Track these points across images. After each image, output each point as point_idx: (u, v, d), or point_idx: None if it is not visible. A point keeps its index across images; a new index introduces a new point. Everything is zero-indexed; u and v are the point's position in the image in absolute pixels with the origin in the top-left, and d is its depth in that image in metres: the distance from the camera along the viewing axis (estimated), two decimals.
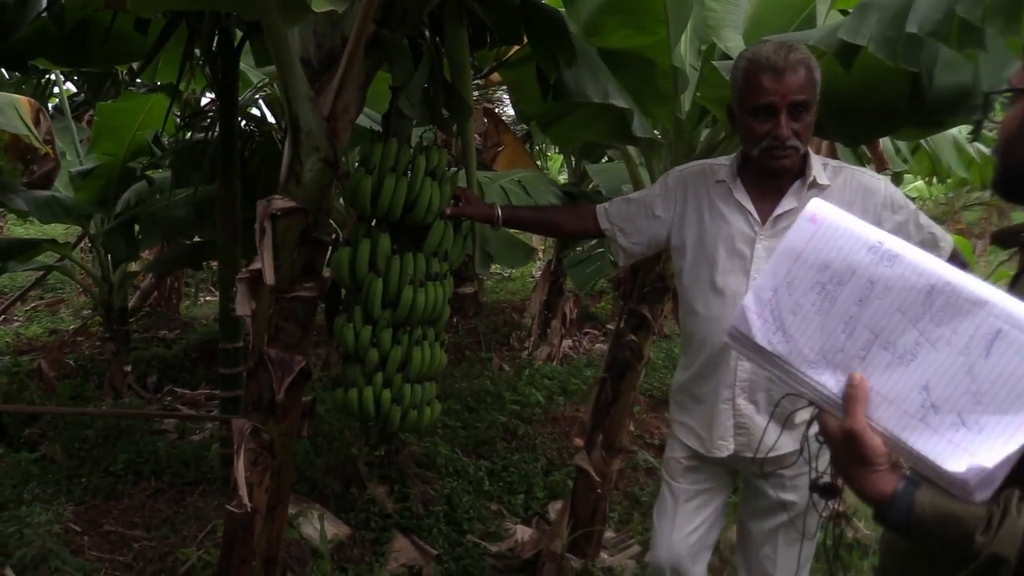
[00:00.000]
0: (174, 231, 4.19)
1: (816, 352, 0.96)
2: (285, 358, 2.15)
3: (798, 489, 2.14)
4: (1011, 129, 1.17)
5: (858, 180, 2.06)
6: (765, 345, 0.99)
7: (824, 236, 0.99)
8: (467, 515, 3.72)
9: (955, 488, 0.89)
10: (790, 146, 1.95)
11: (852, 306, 0.94)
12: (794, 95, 1.91)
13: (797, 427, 2.05)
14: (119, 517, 3.44)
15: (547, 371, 5.81)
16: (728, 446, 2.13)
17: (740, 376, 2.07)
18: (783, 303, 0.98)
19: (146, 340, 6.19)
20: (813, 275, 0.97)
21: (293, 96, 1.99)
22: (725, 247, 2.07)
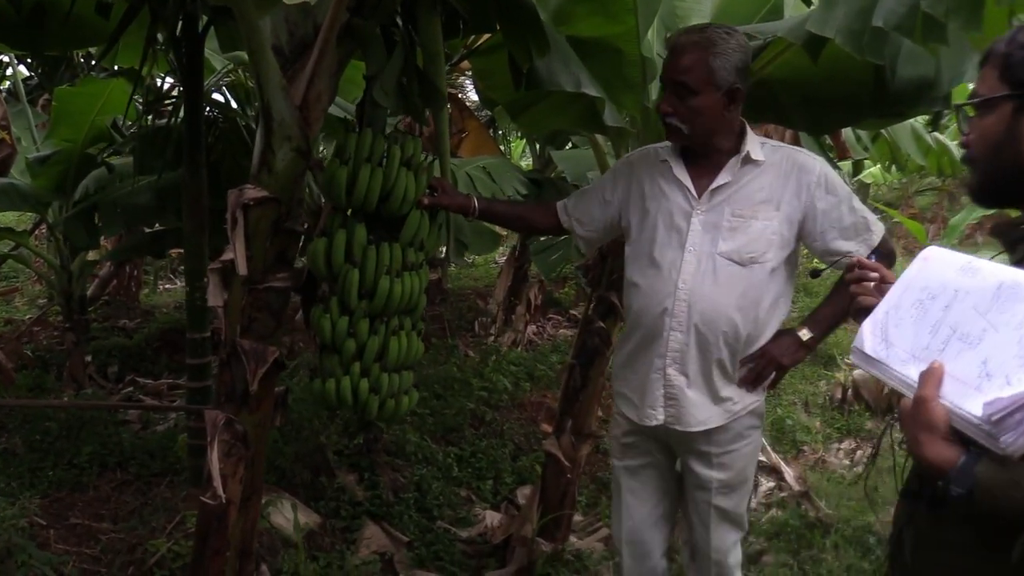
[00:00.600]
0: (136, 218, 4.11)
1: (907, 352, 1.12)
2: (258, 349, 2.14)
3: (724, 467, 2.20)
4: (995, 136, 1.19)
5: (794, 158, 2.11)
6: (871, 354, 1.18)
7: (929, 268, 1.18)
8: (437, 501, 3.75)
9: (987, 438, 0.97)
10: (668, 123, 2.05)
11: (939, 312, 1.11)
12: (675, 75, 2.01)
13: (723, 401, 2.13)
14: (85, 509, 3.40)
15: (513, 357, 5.83)
16: (658, 415, 2.18)
17: (671, 347, 2.12)
18: (890, 320, 1.18)
19: (106, 329, 6.07)
20: (915, 295, 1.16)
21: (265, 84, 1.97)
22: (664, 222, 2.14)
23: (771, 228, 2.05)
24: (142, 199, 4.02)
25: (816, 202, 2.06)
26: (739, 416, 2.16)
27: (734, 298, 2.06)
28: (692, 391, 2.12)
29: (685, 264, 2.09)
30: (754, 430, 2.22)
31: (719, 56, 1.97)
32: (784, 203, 2.06)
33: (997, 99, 1.18)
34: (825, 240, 2.08)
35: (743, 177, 2.09)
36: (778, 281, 2.11)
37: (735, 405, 2.14)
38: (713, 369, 2.11)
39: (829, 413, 5.60)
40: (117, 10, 2.89)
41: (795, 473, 4.36)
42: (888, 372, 1.14)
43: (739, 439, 2.18)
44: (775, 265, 2.08)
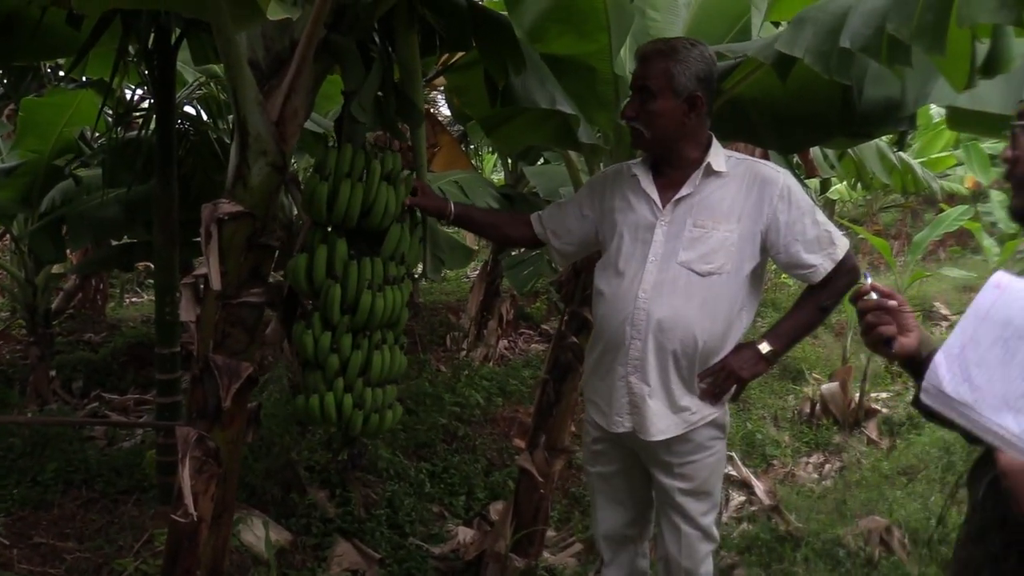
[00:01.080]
0: (104, 232, 4.05)
1: (999, 398, 1.05)
2: (232, 364, 2.12)
3: (686, 478, 2.23)
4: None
5: (757, 171, 2.16)
6: (953, 395, 1.09)
7: (1007, 299, 1.09)
8: (409, 518, 3.72)
9: None
10: (631, 126, 2.13)
11: None
12: (640, 80, 2.10)
13: (682, 411, 2.16)
14: (49, 528, 3.33)
15: (485, 372, 5.83)
16: (624, 423, 2.22)
17: (632, 355, 2.15)
18: (969, 357, 1.09)
19: (71, 344, 5.97)
20: (997, 331, 1.07)
21: (241, 99, 1.97)
22: (630, 233, 2.19)
23: (731, 239, 2.09)
24: (110, 212, 3.96)
25: (779, 214, 2.10)
26: (697, 427, 2.18)
27: (693, 308, 2.09)
28: (653, 400, 2.15)
29: (647, 273, 2.13)
30: (716, 441, 2.24)
31: (680, 63, 2.05)
32: (746, 215, 2.10)
33: None
34: (789, 252, 2.11)
35: (705, 188, 2.14)
36: (740, 292, 2.14)
37: (693, 415, 2.17)
38: (672, 378, 2.14)
39: (798, 427, 5.66)
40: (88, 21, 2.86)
41: (765, 487, 4.40)
42: (975, 419, 1.07)
43: (700, 450, 2.21)
44: (736, 276, 2.11)
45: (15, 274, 4.59)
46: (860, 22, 1.86)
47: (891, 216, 15.86)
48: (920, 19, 1.75)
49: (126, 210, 3.96)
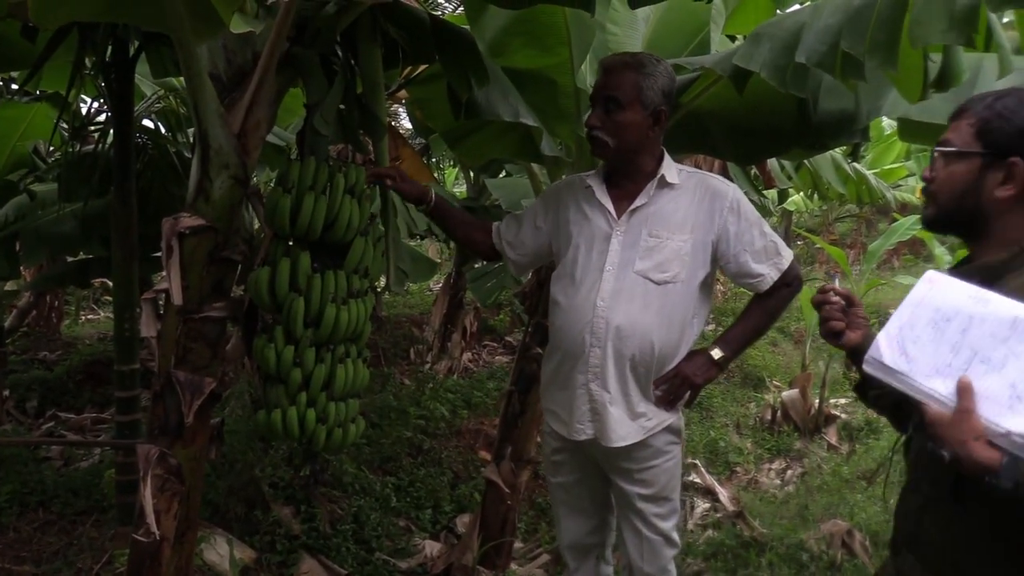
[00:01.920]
0: (60, 247, 3.97)
1: (930, 368, 1.28)
2: (194, 380, 2.09)
3: (646, 484, 2.27)
4: (962, 183, 1.45)
5: (708, 184, 2.22)
6: (892, 364, 1.32)
7: (936, 291, 1.34)
8: (375, 532, 3.69)
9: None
10: (596, 136, 2.16)
11: (957, 334, 1.27)
12: (606, 91, 2.13)
13: (639, 417, 2.21)
14: (4, 552, 3.25)
15: (450, 385, 5.81)
16: (586, 430, 2.25)
17: (592, 362, 2.19)
18: (906, 336, 1.32)
19: (25, 362, 5.84)
20: (929, 315, 1.31)
21: (203, 112, 1.95)
22: (586, 243, 2.23)
23: (685, 249, 2.15)
24: (66, 227, 3.89)
25: (728, 226, 2.17)
26: (655, 432, 2.22)
27: (650, 315, 2.14)
28: (613, 407, 2.19)
29: (604, 282, 2.17)
30: (673, 446, 2.28)
31: (648, 77, 2.11)
32: (698, 225, 2.17)
33: (970, 153, 1.43)
34: (738, 262, 2.18)
35: (659, 199, 2.19)
36: (692, 300, 2.20)
37: (649, 421, 2.21)
38: (630, 385, 2.18)
39: (760, 434, 5.74)
40: (44, 33, 2.81)
41: (729, 494, 4.45)
42: (910, 383, 1.30)
43: (658, 455, 2.25)
44: (689, 285, 2.17)
45: None
46: (815, 39, 1.92)
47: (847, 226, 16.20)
48: (872, 37, 1.81)
49: (82, 225, 3.89)
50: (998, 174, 1.40)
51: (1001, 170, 1.39)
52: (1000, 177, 1.40)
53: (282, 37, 1.90)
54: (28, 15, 1.56)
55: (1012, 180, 1.39)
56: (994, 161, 1.40)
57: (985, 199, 1.42)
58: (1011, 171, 1.38)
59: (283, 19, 1.86)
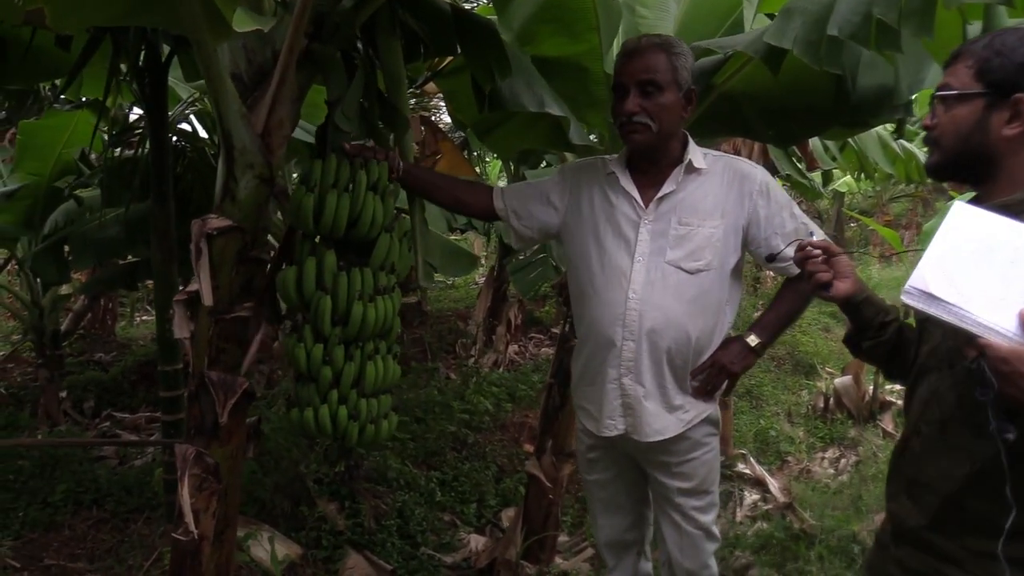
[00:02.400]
0: (106, 252, 4.06)
1: (985, 299, 1.20)
2: (227, 380, 2.11)
3: (685, 477, 2.22)
4: (966, 125, 1.40)
5: (735, 167, 2.15)
6: (941, 295, 1.23)
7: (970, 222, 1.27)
8: (420, 527, 3.70)
9: None
10: (637, 121, 2.06)
11: (1006, 265, 1.21)
12: (641, 74, 2.04)
13: (677, 410, 2.14)
14: (60, 550, 3.33)
15: (494, 378, 5.80)
16: (617, 426, 2.19)
17: (626, 356, 2.13)
18: (951, 266, 1.24)
19: (81, 364, 6.00)
20: (971, 247, 1.25)
21: (225, 112, 1.95)
22: (612, 231, 2.16)
23: (717, 235, 2.09)
24: (112, 232, 3.98)
25: (759, 209, 2.11)
26: (693, 424, 2.17)
27: (684, 305, 2.08)
28: (648, 401, 2.14)
29: (635, 273, 2.11)
30: (711, 437, 2.23)
31: (680, 56, 2.05)
32: (728, 210, 2.10)
33: (972, 95, 1.38)
34: (769, 246, 2.10)
35: (687, 185, 2.13)
36: (725, 287, 2.14)
37: (687, 413, 2.16)
38: (667, 378, 2.13)
39: (812, 422, 5.60)
40: (78, 42, 2.86)
41: (780, 484, 4.35)
42: (964, 315, 1.21)
43: (697, 447, 2.20)
44: (721, 272, 2.11)
45: (21, 297, 4.61)
46: (847, 9, 1.83)
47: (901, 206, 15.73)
48: (907, 2, 1.72)
49: (127, 229, 3.97)
50: (1003, 113, 1.37)
51: (1006, 108, 1.36)
52: (1006, 116, 1.36)
53: (300, 34, 1.89)
54: (45, 21, 1.57)
55: (1019, 117, 1.35)
56: (997, 100, 1.37)
57: (992, 140, 1.38)
58: (1017, 108, 1.35)
59: (300, 16, 1.84)
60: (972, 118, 1.39)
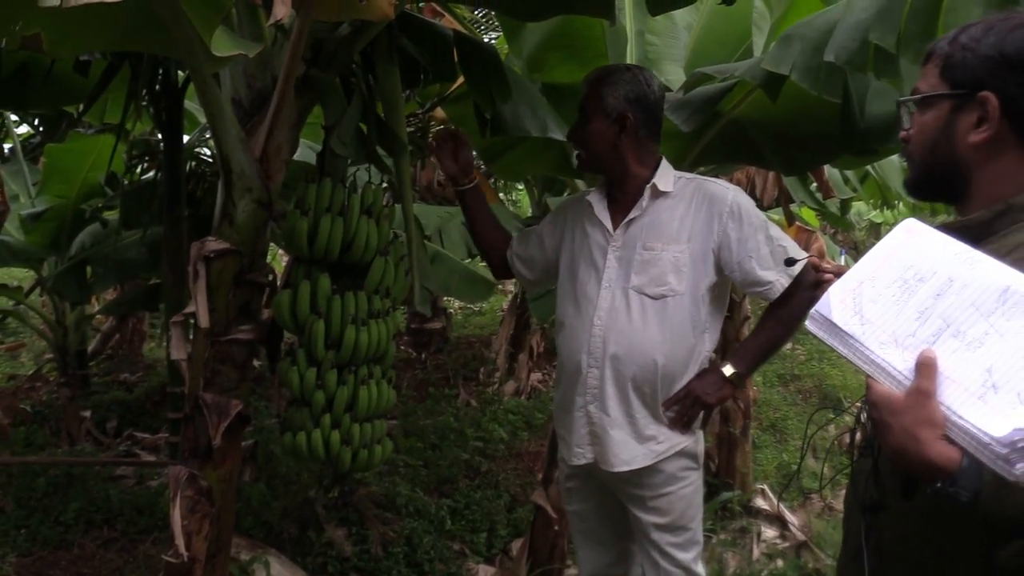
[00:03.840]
0: (126, 273, 4.13)
1: (888, 335, 1.04)
2: (221, 402, 2.10)
3: (660, 512, 2.16)
4: (932, 132, 1.21)
5: (705, 189, 2.11)
6: (841, 325, 1.08)
7: (914, 243, 1.09)
8: (428, 555, 3.65)
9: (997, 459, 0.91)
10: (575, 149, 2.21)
11: (929, 299, 1.02)
12: (580, 103, 2.15)
13: (647, 441, 2.09)
14: (68, 568, 3.34)
15: (512, 406, 5.75)
16: (585, 454, 2.17)
17: (591, 383, 2.11)
18: (866, 293, 1.08)
19: (107, 384, 6.06)
20: (898, 272, 1.07)
21: (223, 137, 1.97)
22: (585, 261, 2.18)
23: (682, 260, 2.05)
24: (132, 253, 4.04)
25: (729, 232, 2.05)
26: (666, 456, 2.11)
27: (650, 332, 2.04)
28: (614, 430, 2.10)
29: (601, 300, 2.10)
30: (690, 471, 2.17)
31: (609, 85, 2.07)
32: (695, 234, 2.06)
33: (935, 97, 1.19)
34: (743, 270, 2.05)
35: (653, 210, 2.11)
36: (698, 313, 2.08)
37: (660, 445, 2.10)
38: (633, 406, 2.08)
39: (838, 458, 5.45)
40: (98, 67, 2.93)
41: (800, 522, 4.24)
42: (859, 351, 1.06)
43: (673, 481, 2.13)
44: (691, 297, 2.06)
45: (46, 316, 4.69)
46: (845, 35, 1.80)
47: None
48: (906, 29, 1.69)
49: (147, 251, 4.03)
50: (970, 116, 1.15)
51: (973, 110, 1.14)
52: (973, 119, 1.15)
53: (297, 60, 1.90)
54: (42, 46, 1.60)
55: (986, 120, 1.13)
56: (964, 101, 1.16)
57: (960, 148, 1.17)
58: (984, 109, 1.13)
59: (296, 42, 1.85)
60: (937, 124, 1.19)
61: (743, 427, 4.49)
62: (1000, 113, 1.12)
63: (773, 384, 7.19)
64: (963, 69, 1.15)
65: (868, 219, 11.94)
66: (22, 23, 1.47)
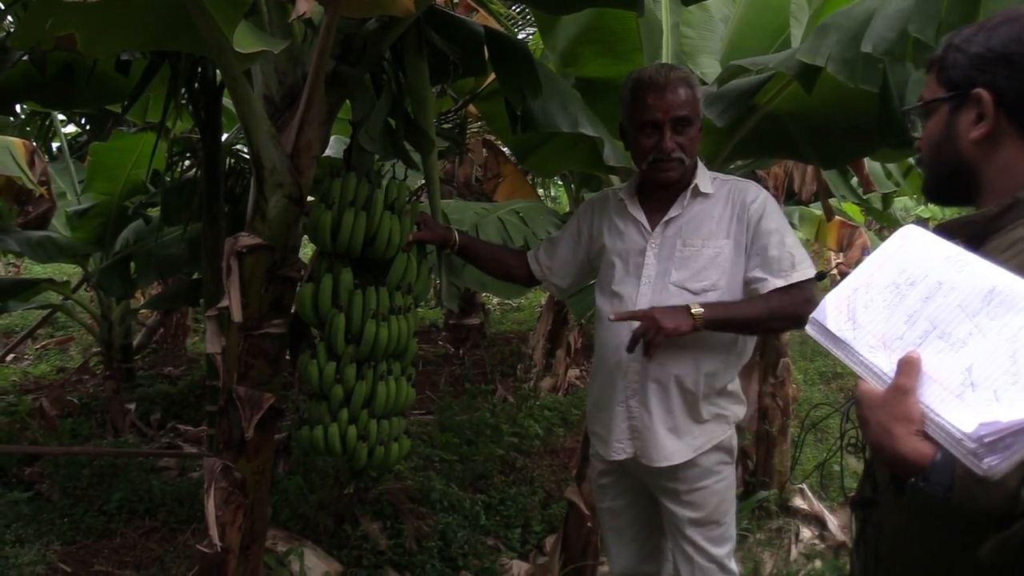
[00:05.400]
0: (168, 268, 4.21)
1: (877, 338, 1.05)
2: (254, 396, 2.13)
3: (694, 506, 2.15)
4: (936, 136, 1.23)
5: (740, 188, 2.13)
6: (834, 331, 1.11)
7: (909, 248, 1.10)
8: (461, 550, 3.66)
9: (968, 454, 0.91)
10: (675, 158, 2.06)
11: (918, 302, 1.03)
12: (676, 111, 2.03)
13: (686, 435, 2.09)
14: (110, 557, 3.43)
15: (548, 402, 5.75)
16: (626, 449, 2.16)
17: (631, 378, 2.11)
18: (859, 299, 1.10)
19: (151, 377, 6.20)
20: (891, 277, 1.09)
21: (254, 133, 1.99)
22: (621, 258, 2.18)
23: (722, 255, 2.06)
24: (174, 249, 4.12)
25: (751, 228, 2.07)
26: (704, 451, 2.12)
27: None
28: (656, 424, 2.10)
29: (641, 295, 2.10)
30: (724, 466, 2.17)
31: (697, 88, 2.07)
32: (732, 229, 2.08)
33: (935, 102, 1.22)
34: (750, 266, 2.06)
35: (692, 208, 2.12)
36: None
37: (696, 439, 2.11)
38: (674, 401, 2.09)
39: None
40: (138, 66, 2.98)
41: (839, 522, 4.15)
42: (851, 354, 1.09)
43: (707, 475, 2.14)
44: (731, 292, 2.07)
45: (92, 311, 4.80)
46: (883, 25, 1.76)
47: None
48: (946, 20, 1.64)
49: (189, 247, 4.10)
50: (969, 114, 1.16)
51: (971, 108, 1.16)
52: (971, 117, 1.16)
53: (326, 56, 1.91)
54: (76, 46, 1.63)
55: (983, 116, 1.14)
56: (961, 102, 1.17)
57: (963, 147, 1.18)
58: (979, 105, 1.14)
59: (324, 38, 1.86)
60: (940, 128, 1.21)
61: (782, 425, 4.42)
62: (995, 107, 1.13)
63: (814, 382, 7.08)
64: (956, 70, 1.17)
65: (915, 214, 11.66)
66: (52, 22, 1.49)
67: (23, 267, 10.50)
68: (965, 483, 0.94)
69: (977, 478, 0.91)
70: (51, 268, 10.35)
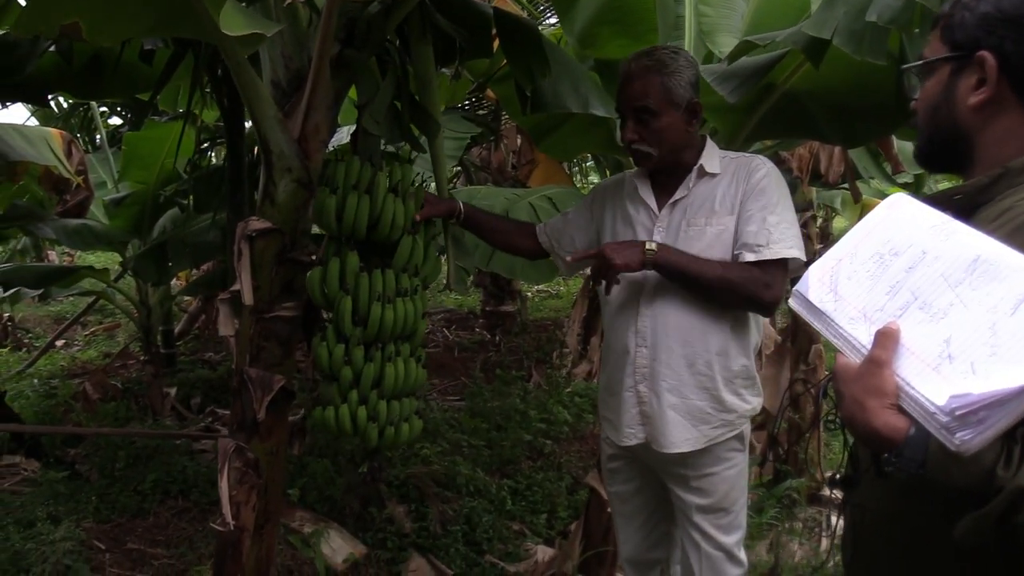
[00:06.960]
0: (202, 255, 4.30)
1: (858, 310, 1.03)
2: (265, 377, 2.16)
3: (703, 492, 2.13)
4: (933, 97, 1.17)
5: (746, 163, 2.08)
6: (815, 303, 1.09)
7: (896, 218, 1.07)
8: (487, 535, 3.68)
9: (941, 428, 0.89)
10: (634, 149, 2.04)
11: (901, 272, 1.00)
12: (636, 101, 2.01)
13: (701, 423, 2.06)
14: (143, 535, 3.52)
15: (580, 388, 5.73)
16: (636, 434, 2.14)
17: (639, 363, 2.08)
18: (843, 270, 1.08)
19: (192, 362, 6.35)
20: (876, 248, 1.06)
21: (261, 118, 2.01)
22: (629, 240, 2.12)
23: (727, 232, 2.02)
24: (208, 236, 4.20)
25: (747, 201, 2.02)
26: (717, 440, 2.09)
27: (697, 308, 2.02)
28: (666, 410, 2.07)
29: (647, 279, 2.06)
30: (735, 453, 2.14)
31: (672, 75, 2.00)
32: (736, 205, 2.03)
33: (937, 61, 1.16)
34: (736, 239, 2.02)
35: (698, 189, 2.08)
36: None
37: (716, 430, 2.08)
38: (686, 384, 2.05)
39: None
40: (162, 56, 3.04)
41: None
42: (831, 326, 1.06)
43: (718, 462, 2.11)
44: None
45: (131, 297, 4.92)
46: None
47: None
48: None
49: (221, 234, 4.17)
50: (970, 78, 1.11)
51: (972, 72, 1.11)
52: (972, 81, 1.11)
53: (329, 39, 1.92)
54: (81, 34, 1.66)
55: (986, 81, 1.09)
56: (964, 64, 1.12)
57: (960, 112, 1.13)
58: (982, 69, 1.09)
59: (327, 21, 1.87)
60: (938, 89, 1.16)
61: (814, 414, 4.34)
62: (998, 72, 1.08)
63: None
64: (961, 29, 1.12)
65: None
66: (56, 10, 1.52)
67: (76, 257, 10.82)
68: (939, 459, 0.91)
69: (951, 453, 0.88)
70: (103, 257, 10.65)
